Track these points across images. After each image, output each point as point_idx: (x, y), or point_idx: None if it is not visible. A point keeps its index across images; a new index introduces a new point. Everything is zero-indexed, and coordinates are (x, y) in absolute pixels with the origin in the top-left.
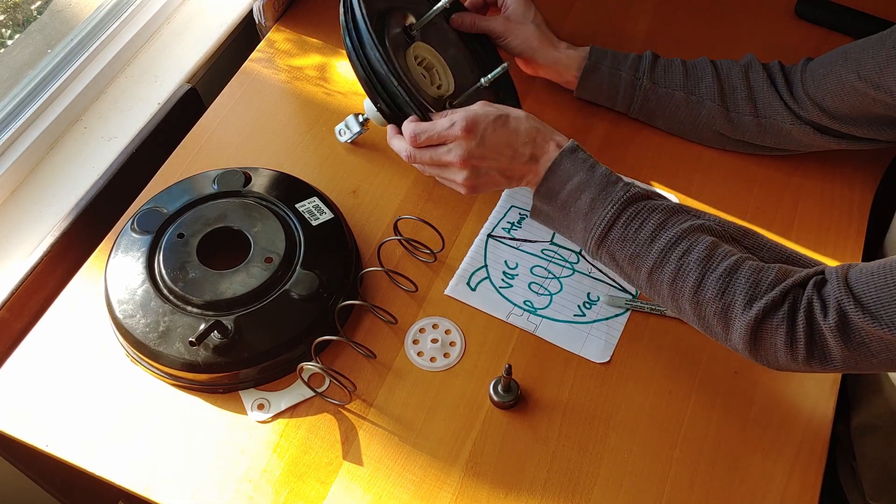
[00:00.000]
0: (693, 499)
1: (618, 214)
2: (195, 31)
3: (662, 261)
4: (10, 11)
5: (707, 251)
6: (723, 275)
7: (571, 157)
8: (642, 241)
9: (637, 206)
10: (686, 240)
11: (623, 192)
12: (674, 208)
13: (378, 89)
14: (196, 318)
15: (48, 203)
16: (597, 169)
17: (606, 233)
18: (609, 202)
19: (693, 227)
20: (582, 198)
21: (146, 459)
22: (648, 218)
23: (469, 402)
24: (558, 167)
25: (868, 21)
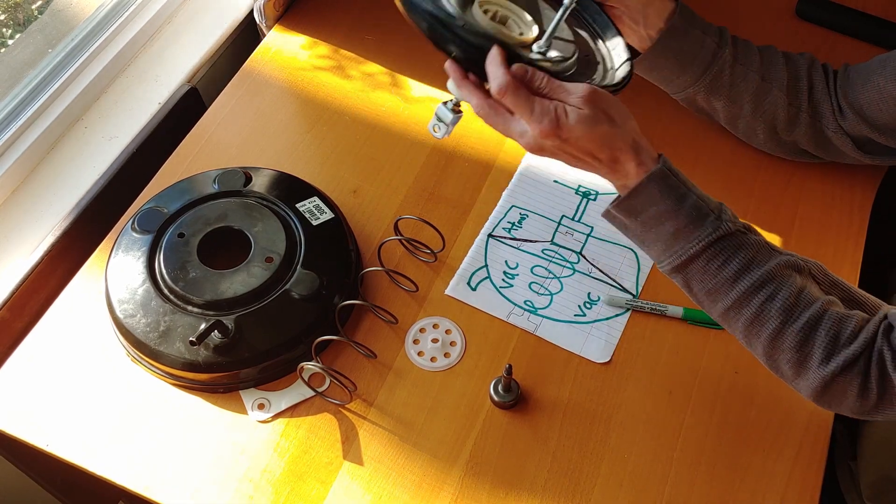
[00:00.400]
0: (693, 499)
1: (702, 251)
2: (195, 31)
3: (743, 302)
4: (11, 11)
5: (791, 298)
6: (804, 327)
7: (661, 183)
8: (724, 279)
9: (723, 244)
10: (771, 284)
11: (712, 228)
12: (760, 244)
13: (447, 29)
14: (196, 318)
15: (48, 203)
16: (686, 199)
17: (687, 264)
18: (695, 238)
19: (779, 268)
20: (666, 225)
21: (146, 459)
22: (734, 256)
23: (469, 402)
24: (644, 190)
25: (868, 21)
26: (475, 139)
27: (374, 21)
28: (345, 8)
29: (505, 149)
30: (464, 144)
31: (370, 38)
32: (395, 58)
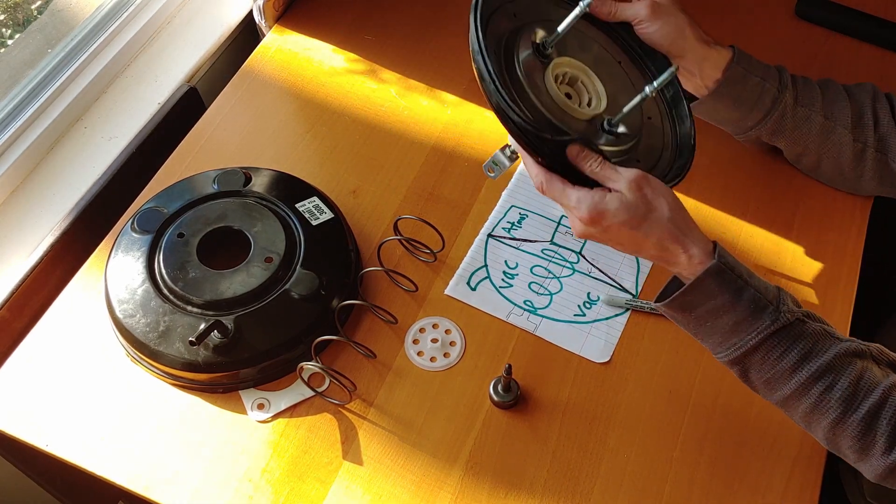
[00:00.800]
0: (693, 499)
1: (761, 343)
2: (195, 31)
3: (802, 393)
4: (11, 11)
5: (851, 388)
6: (865, 416)
7: (717, 279)
8: (783, 370)
9: (782, 335)
10: (830, 373)
11: (770, 320)
12: (819, 333)
13: (506, 121)
14: (196, 318)
15: (48, 203)
16: (744, 293)
17: (745, 357)
18: (754, 331)
19: (838, 356)
20: (723, 318)
21: (146, 459)
22: (793, 347)
23: (469, 401)
24: (700, 285)
25: (868, 21)
26: (475, 139)
27: (374, 21)
28: (345, 8)
29: None
30: (464, 144)
31: (370, 38)
32: (395, 58)
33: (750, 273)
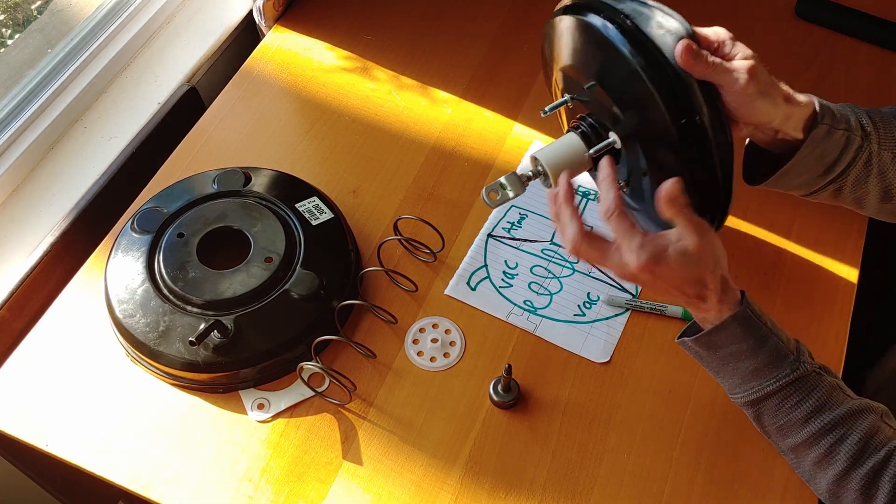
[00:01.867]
0: (693, 499)
1: (778, 390)
2: (195, 31)
3: (812, 443)
4: (10, 11)
5: (861, 443)
6: (870, 472)
7: (744, 324)
8: (796, 418)
9: (800, 384)
10: (842, 427)
11: (790, 369)
12: (835, 387)
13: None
14: (196, 318)
15: (48, 203)
16: (767, 341)
17: (761, 401)
18: (772, 378)
19: (851, 411)
20: (745, 362)
21: (146, 459)
22: (808, 397)
23: (469, 401)
24: (726, 328)
25: (868, 21)
26: (475, 139)
27: (373, 21)
28: (345, 8)
29: (504, 149)
30: (463, 144)
31: (370, 38)
32: (395, 57)
33: (773, 323)
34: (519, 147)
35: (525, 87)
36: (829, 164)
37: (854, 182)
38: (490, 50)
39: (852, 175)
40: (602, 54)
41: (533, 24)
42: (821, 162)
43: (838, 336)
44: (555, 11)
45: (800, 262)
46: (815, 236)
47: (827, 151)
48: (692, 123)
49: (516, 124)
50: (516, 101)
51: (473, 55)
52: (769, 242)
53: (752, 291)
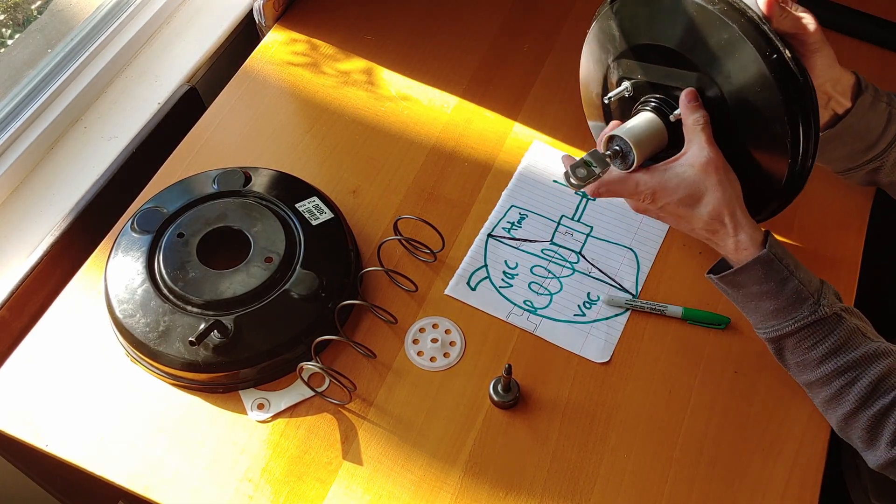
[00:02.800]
0: (693, 498)
1: (796, 331)
2: (195, 31)
3: (825, 382)
4: (10, 11)
5: (870, 387)
6: (876, 413)
7: (765, 267)
8: (813, 359)
9: (817, 327)
10: (854, 370)
11: (809, 312)
12: (854, 330)
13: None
14: (196, 318)
15: (48, 203)
16: (788, 283)
17: (780, 338)
18: (791, 319)
19: (866, 356)
20: (766, 303)
21: (146, 459)
22: (825, 339)
23: (469, 401)
24: (748, 270)
25: (868, 21)
26: (475, 139)
27: (373, 21)
28: (344, 8)
29: (504, 149)
30: (463, 144)
31: (370, 38)
32: (395, 57)
33: (797, 265)
34: (519, 147)
35: (525, 87)
36: (873, 140)
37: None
38: (490, 50)
39: (893, 154)
40: (679, 16)
41: (533, 25)
42: (865, 136)
43: None
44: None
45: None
46: (815, 237)
47: (872, 125)
48: (782, 59)
49: (516, 124)
50: (516, 101)
51: (473, 55)
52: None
53: None
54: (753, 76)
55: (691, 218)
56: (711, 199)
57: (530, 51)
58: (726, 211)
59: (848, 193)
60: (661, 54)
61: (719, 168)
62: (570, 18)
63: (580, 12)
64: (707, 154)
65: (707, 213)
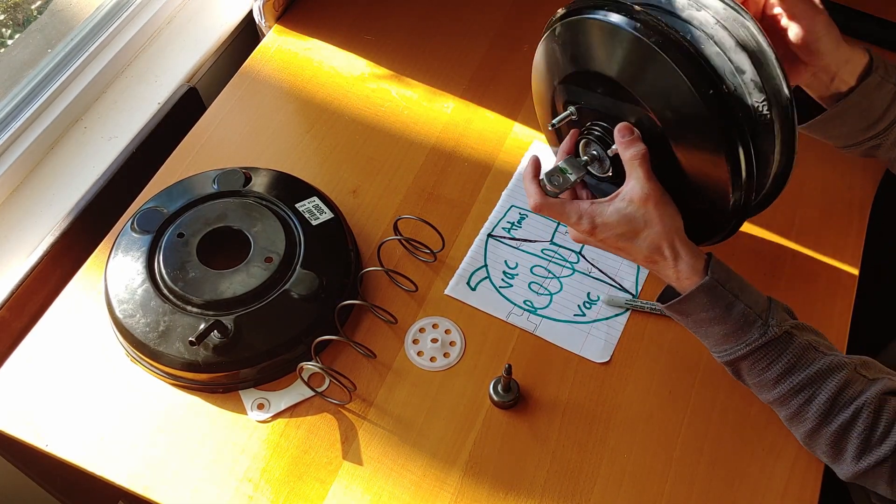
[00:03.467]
0: (693, 499)
1: (749, 354)
2: (195, 31)
3: (783, 402)
4: (11, 11)
5: (828, 403)
6: (838, 429)
7: (710, 293)
8: (768, 380)
9: (769, 348)
10: (810, 387)
11: (759, 334)
12: (805, 346)
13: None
14: (196, 318)
15: (48, 203)
16: (734, 308)
17: (735, 361)
18: (742, 343)
19: (820, 371)
20: (715, 328)
21: (146, 459)
22: (778, 360)
23: (469, 401)
24: (693, 298)
25: (868, 21)
26: (475, 139)
27: (373, 21)
28: (344, 8)
29: (504, 149)
30: (463, 144)
31: (370, 38)
32: (395, 57)
33: (742, 286)
34: (519, 147)
35: (525, 87)
36: (875, 119)
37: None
38: (490, 50)
39: (894, 134)
40: (616, 47)
41: (533, 25)
42: (867, 115)
43: (838, 335)
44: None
45: (800, 262)
46: (815, 237)
47: (875, 104)
48: (719, 94)
49: (516, 124)
50: (516, 101)
51: (473, 55)
52: (769, 242)
53: None
54: (690, 112)
55: (631, 250)
56: (650, 232)
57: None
58: (665, 243)
59: (848, 193)
60: (602, 82)
61: (658, 202)
62: None
63: None
64: (645, 190)
65: (646, 247)
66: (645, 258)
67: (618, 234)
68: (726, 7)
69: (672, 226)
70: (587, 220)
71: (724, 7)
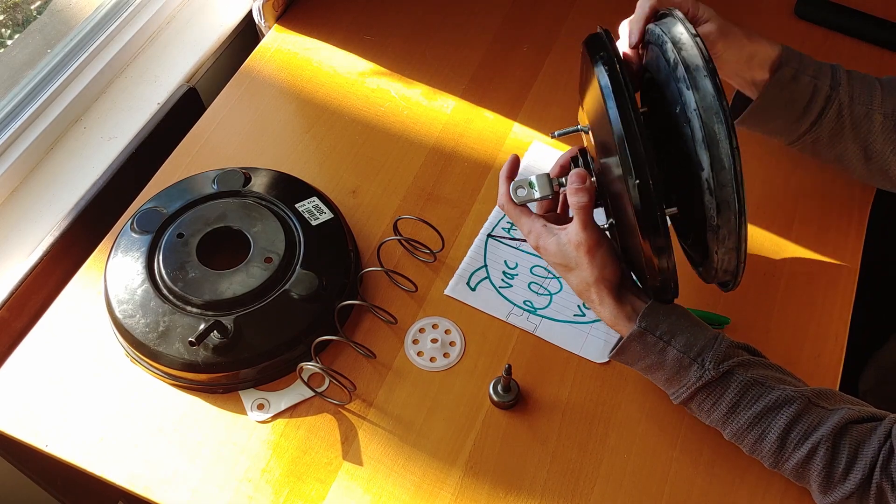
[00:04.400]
0: (693, 499)
1: (691, 398)
2: (195, 31)
3: (738, 438)
4: (10, 11)
5: (778, 441)
6: (797, 466)
7: (640, 342)
8: (717, 419)
9: (709, 390)
10: (759, 425)
11: (695, 378)
12: (748, 384)
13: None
14: (196, 318)
15: (48, 203)
16: (667, 354)
17: (684, 403)
18: (683, 386)
19: (767, 408)
20: (656, 374)
21: (146, 459)
22: (721, 399)
23: (469, 402)
24: (628, 349)
25: (868, 21)
26: (474, 139)
27: (374, 21)
28: (344, 8)
29: (504, 149)
30: (463, 145)
31: (370, 38)
32: (395, 57)
33: (678, 330)
34: (519, 147)
35: (525, 87)
36: (800, 110)
37: (830, 135)
38: (490, 50)
39: (826, 126)
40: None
41: (533, 25)
42: (791, 107)
43: (838, 336)
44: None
45: (799, 262)
46: (815, 237)
47: (796, 96)
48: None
49: (516, 124)
50: (516, 101)
51: (473, 55)
52: (769, 242)
53: (752, 291)
54: (623, 190)
55: (566, 279)
56: (579, 274)
57: (530, 51)
58: (593, 289)
59: (848, 193)
60: None
61: (590, 250)
62: (570, 18)
63: (580, 12)
64: (580, 237)
65: (576, 284)
66: (577, 293)
67: (554, 263)
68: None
69: (600, 275)
70: (534, 238)
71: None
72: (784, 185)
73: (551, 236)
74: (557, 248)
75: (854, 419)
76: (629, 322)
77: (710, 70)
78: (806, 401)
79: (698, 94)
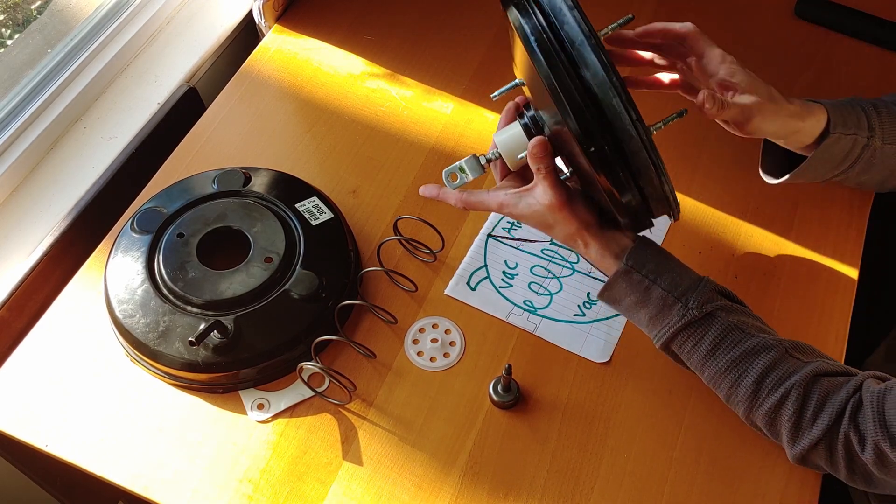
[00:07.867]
0: (693, 499)
1: (672, 337)
2: (195, 31)
3: (715, 384)
4: (10, 11)
5: (754, 385)
6: (769, 411)
7: (626, 279)
8: (696, 362)
9: (690, 330)
10: (735, 369)
11: (679, 317)
12: (729, 328)
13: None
14: (196, 318)
15: (48, 203)
16: (652, 292)
17: (665, 345)
18: (665, 325)
19: (745, 353)
20: (640, 313)
21: (146, 459)
22: (701, 341)
23: (469, 402)
24: (615, 285)
25: (868, 21)
26: (475, 139)
27: (373, 21)
28: (344, 8)
29: None
30: (463, 144)
31: (370, 38)
32: (395, 57)
33: (662, 270)
34: None
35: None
36: (837, 162)
37: (858, 173)
38: (490, 50)
39: (857, 169)
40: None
41: None
42: (829, 163)
43: (838, 336)
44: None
45: (799, 262)
46: (815, 237)
47: (836, 154)
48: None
49: None
50: None
51: (473, 55)
52: (769, 242)
53: (752, 291)
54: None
55: (550, 235)
56: (560, 229)
57: None
58: (577, 238)
59: (848, 193)
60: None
61: (563, 207)
62: None
63: None
64: (549, 198)
65: (561, 239)
66: (564, 244)
67: (533, 224)
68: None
69: (580, 224)
70: (507, 210)
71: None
72: (784, 186)
73: (521, 202)
74: (531, 212)
75: (827, 371)
76: (616, 260)
77: (593, 45)
78: (783, 350)
79: (589, 72)
